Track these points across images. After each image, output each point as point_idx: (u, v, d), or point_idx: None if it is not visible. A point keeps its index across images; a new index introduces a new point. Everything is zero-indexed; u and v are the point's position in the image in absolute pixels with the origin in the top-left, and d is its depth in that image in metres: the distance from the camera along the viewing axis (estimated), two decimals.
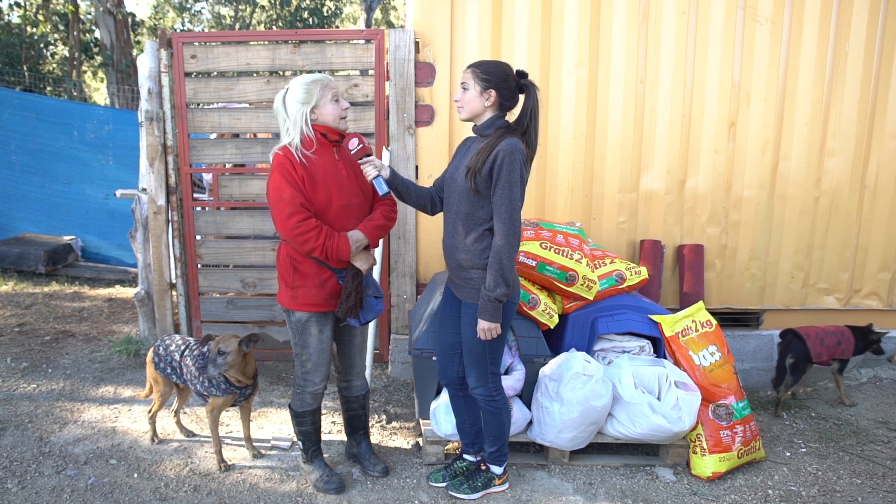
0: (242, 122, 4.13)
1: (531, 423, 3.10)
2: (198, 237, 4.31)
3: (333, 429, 3.45)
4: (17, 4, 12.39)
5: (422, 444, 3.21)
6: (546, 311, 3.21)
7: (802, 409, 3.85)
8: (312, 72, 3.88)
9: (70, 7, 12.37)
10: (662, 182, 4.07)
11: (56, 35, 13.30)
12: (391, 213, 2.74)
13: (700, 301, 3.44)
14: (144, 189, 4.20)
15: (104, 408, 3.59)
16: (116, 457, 3.07)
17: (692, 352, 3.20)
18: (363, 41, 4.05)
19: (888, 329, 4.19)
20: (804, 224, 4.14)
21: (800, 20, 3.92)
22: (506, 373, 3.09)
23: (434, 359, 3.08)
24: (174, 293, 4.38)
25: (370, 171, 2.55)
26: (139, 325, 4.53)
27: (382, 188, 2.57)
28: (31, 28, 12.64)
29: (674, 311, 3.40)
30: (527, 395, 3.14)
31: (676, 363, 3.20)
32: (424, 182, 3.96)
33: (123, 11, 10.77)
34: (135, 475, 2.92)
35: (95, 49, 12.58)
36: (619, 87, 3.96)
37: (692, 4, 3.90)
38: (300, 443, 2.88)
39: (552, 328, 3.29)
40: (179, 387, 3.22)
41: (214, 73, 4.60)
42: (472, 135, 2.61)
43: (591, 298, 3.31)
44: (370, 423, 3.33)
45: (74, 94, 11.29)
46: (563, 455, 3.08)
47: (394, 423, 3.55)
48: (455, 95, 2.53)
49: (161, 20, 16.96)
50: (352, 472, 2.99)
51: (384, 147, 3.98)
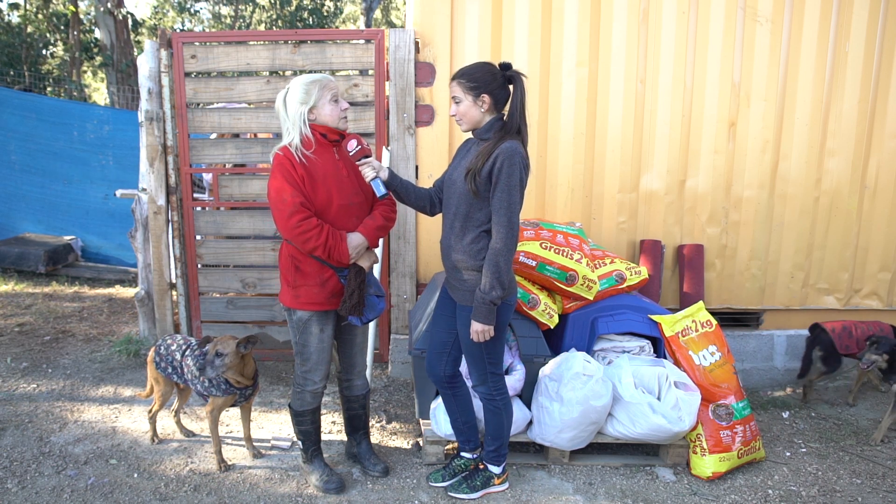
0: (242, 122, 4.13)
1: (531, 423, 3.10)
2: (198, 237, 4.31)
3: (333, 429, 3.45)
4: (17, 5, 12.39)
5: (422, 444, 3.21)
6: (546, 311, 3.21)
7: (802, 409, 3.85)
8: (313, 72, 3.88)
9: (70, 7, 12.37)
10: (662, 182, 4.07)
11: (56, 35, 13.30)
12: (390, 214, 2.74)
13: (700, 301, 3.44)
14: (144, 189, 4.20)
15: (104, 408, 3.59)
16: (116, 457, 3.07)
17: (692, 352, 3.20)
18: (363, 41, 4.05)
19: None
20: (804, 224, 4.14)
21: (800, 20, 3.92)
22: (506, 373, 3.09)
23: None
24: (174, 293, 4.38)
25: (368, 173, 2.55)
26: (139, 325, 4.53)
27: (380, 190, 2.57)
28: (31, 28, 12.64)
29: (674, 311, 3.40)
30: (527, 395, 3.14)
31: (676, 363, 3.20)
32: (424, 182, 3.96)
33: (123, 12, 10.77)
34: (135, 475, 2.92)
35: (95, 49, 12.58)
36: (619, 87, 3.96)
37: (692, 4, 3.90)
38: (300, 442, 2.88)
39: (552, 328, 3.29)
40: (180, 387, 3.22)
41: (214, 73, 4.60)
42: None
43: (591, 298, 3.31)
44: (370, 423, 3.33)
45: (74, 94, 11.28)
46: (563, 455, 3.08)
47: (394, 423, 3.55)
48: (450, 110, 2.53)
49: (161, 20, 16.96)
50: (352, 472, 3.00)
51: (384, 147, 3.98)
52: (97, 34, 11.93)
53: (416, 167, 4.00)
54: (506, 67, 2.47)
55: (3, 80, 10.07)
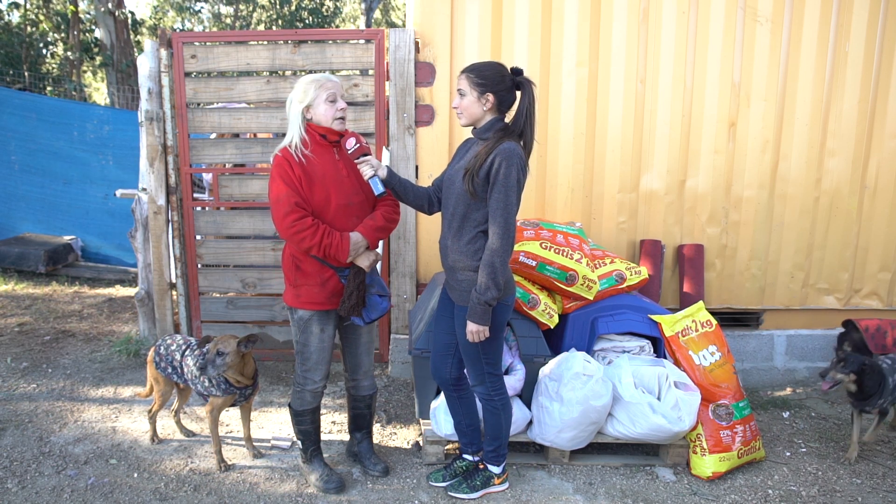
0: (242, 122, 4.13)
1: (531, 423, 3.10)
2: (198, 237, 4.31)
3: (333, 429, 3.45)
4: (17, 5, 12.39)
5: (422, 444, 3.21)
6: (546, 311, 3.21)
7: (802, 409, 3.85)
8: (313, 72, 3.88)
9: (70, 7, 12.37)
10: (662, 182, 4.07)
11: (56, 35, 13.29)
12: (393, 215, 2.73)
13: (700, 301, 3.44)
14: (144, 189, 4.20)
15: (104, 408, 3.59)
16: (116, 456, 3.07)
17: (692, 352, 3.20)
18: (363, 41, 4.05)
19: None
20: (804, 224, 4.14)
21: (800, 20, 3.92)
22: (506, 373, 3.09)
23: None
24: (174, 293, 4.38)
25: (366, 171, 2.55)
26: (139, 325, 4.53)
27: (378, 188, 2.57)
28: (31, 28, 12.64)
29: (674, 311, 3.40)
30: (527, 395, 3.14)
31: (676, 363, 3.20)
32: (424, 182, 3.96)
33: (124, 11, 10.77)
34: (135, 475, 2.92)
35: (95, 49, 12.58)
36: (619, 87, 3.96)
37: (692, 4, 3.90)
38: (300, 442, 2.88)
39: (552, 328, 3.29)
40: (180, 386, 3.22)
41: (214, 73, 4.59)
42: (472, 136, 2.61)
43: (591, 298, 3.31)
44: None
45: (74, 94, 11.28)
46: (563, 455, 3.08)
47: (394, 423, 3.55)
48: (453, 102, 2.53)
49: (161, 20, 16.96)
50: (352, 472, 3.00)
51: (384, 147, 3.98)
52: (97, 34, 11.92)
53: (416, 167, 4.00)
54: (517, 73, 2.48)
55: (3, 80, 10.06)
